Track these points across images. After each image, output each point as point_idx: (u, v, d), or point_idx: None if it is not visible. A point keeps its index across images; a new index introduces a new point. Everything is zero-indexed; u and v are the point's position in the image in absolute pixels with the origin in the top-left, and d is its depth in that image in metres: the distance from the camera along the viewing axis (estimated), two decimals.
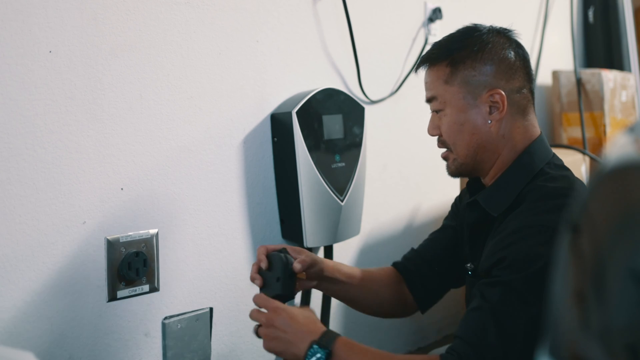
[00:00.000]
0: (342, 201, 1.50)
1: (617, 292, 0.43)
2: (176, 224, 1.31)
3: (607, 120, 2.39)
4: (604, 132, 2.38)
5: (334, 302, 1.64)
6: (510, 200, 1.11)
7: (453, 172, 1.21)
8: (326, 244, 1.54)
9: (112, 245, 1.19)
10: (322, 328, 1.06)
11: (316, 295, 1.58)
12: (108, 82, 1.19)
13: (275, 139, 1.47)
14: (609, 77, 2.41)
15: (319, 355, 1.01)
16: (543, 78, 2.52)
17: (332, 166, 1.49)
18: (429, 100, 1.20)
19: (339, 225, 1.52)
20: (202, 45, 1.34)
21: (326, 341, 1.03)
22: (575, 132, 2.43)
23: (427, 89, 1.20)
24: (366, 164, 1.60)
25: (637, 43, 2.82)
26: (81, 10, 1.14)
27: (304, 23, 1.55)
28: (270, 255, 1.18)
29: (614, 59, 2.75)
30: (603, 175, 0.48)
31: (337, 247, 1.60)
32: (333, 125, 1.50)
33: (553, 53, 2.56)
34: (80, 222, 1.16)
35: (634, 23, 2.79)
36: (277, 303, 1.09)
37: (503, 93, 1.13)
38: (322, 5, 1.59)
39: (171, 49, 1.28)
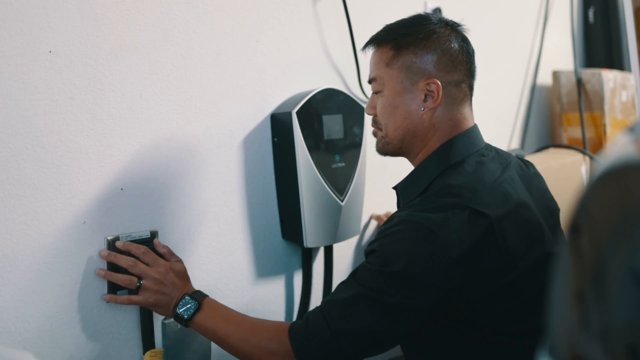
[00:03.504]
0: (342, 201, 1.50)
1: (617, 292, 0.43)
2: (176, 224, 1.31)
3: (607, 120, 2.39)
4: (604, 132, 2.38)
5: None
6: (419, 191, 1.15)
7: (379, 150, 1.25)
8: (326, 244, 1.54)
9: (112, 245, 1.19)
10: (193, 288, 1.19)
11: (316, 298, 1.58)
12: (108, 82, 1.19)
13: (275, 139, 1.47)
14: (609, 77, 2.41)
15: (189, 305, 1.14)
16: (543, 78, 2.52)
17: (332, 166, 1.49)
18: (370, 80, 1.23)
19: (339, 225, 1.52)
20: (202, 45, 1.34)
21: (198, 296, 1.15)
22: (575, 132, 2.43)
23: (370, 69, 1.23)
24: (366, 164, 1.60)
25: (637, 43, 2.82)
26: (81, 10, 1.14)
27: (304, 23, 1.55)
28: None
29: (614, 59, 2.75)
30: (603, 175, 0.48)
31: (337, 247, 1.60)
32: (333, 125, 1.50)
33: (553, 53, 2.56)
34: (80, 222, 1.16)
35: (634, 23, 2.79)
36: (167, 262, 1.19)
37: (439, 83, 1.14)
38: (322, 5, 1.59)
39: (171, 49, 1.28)
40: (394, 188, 1.26)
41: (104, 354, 1.20)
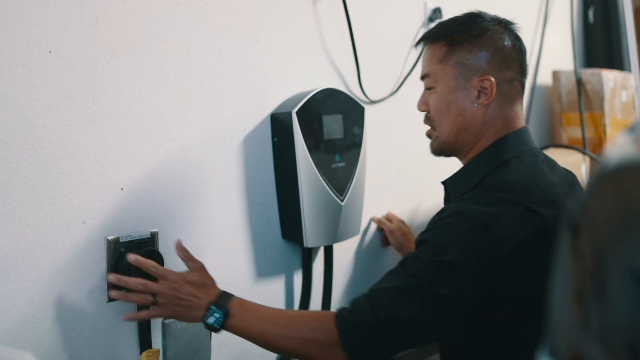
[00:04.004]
0: (342, 201, 1.50)
1: (617, 292, 0.43)
2: (176, 224, 1.31)
3: (607, 120, 2.39)
4: (604, 132, 2.38)
5: (334, 304, 1.64)
6: (470, 186, 1.16)
7: (435, 150, 1.26)
8: (326, 244, 1.54)
9: (112, 245, 1.19)
10: (218, 291, 1.14)
11: (316, 297, 1.58)
12: (108, 82, 1.19)
13: (275, 139, 1.47)
14: (609, 77, 2.41)
15: (217, 315, 1.09)
16: (543, 78, 2.52)
17: (332, 166, 1.49)
18: (422, 77, 1.24)
19: (339, 225, 1.52)
20: (202, 45, 1.34)
21: (222, 302, 1.11)
22: (575, 132, 2.43)
23: (422, 65, 1.24)
24: (366, 164, 1.60)
25: (637, 43, 2.82)
26: (81, 10, 1.14)
27: (304, 23, 1.55)
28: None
29: (614, 59, 2.74)
30: (603, 175, 0.48)
31: (337, 247, 1.60)
32: (333, 125, 1.50)
33: (553, 53, 2.56)
34: (80, 222, 1.16)
35: (634, 23, 2.79)
36: (179, 274, 1.13)
37: (493, 80, 1.16)
38: (322, 5, 1.59)
39: (171, 49, 1.28)
40: (443, 183, 1.27)
41: (103, 354, 1.20)
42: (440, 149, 1.24)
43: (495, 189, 1.10)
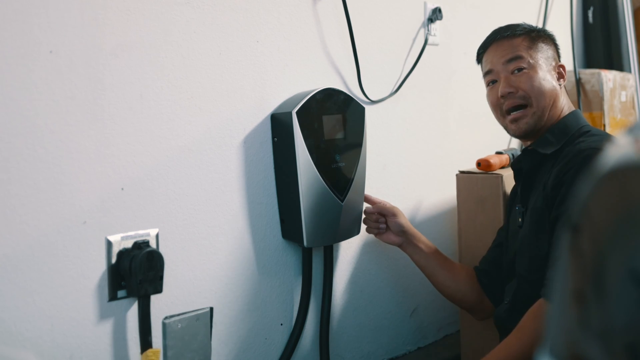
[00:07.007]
0: (342, 201, 1.50)
1: (617, 292, 0.43)
2: (176, 224, 1.31)
3: (607, 120, 2.39)
4: None
5: (334, 304, 1.64)
6: (560, 143, 1.34)
7: (530, 126, 1.41)
8: (326, 244, 1.54)
9: (112, 245, 1.19)
10: None
11: (316, 297, 1.58)
12: (109, 82, 1.19)
13: (275, 139, 1.47)
14: (609, 77, 2.41)
15: None
16: None
17: (332, 166, 1.49)
18: (510, 60, 1.43)
19: (339, 225, 1.52)
20: (202, 46, 1.34)
21: None
22: None
23: (508, 51, 1.44)
24: (366, 164, 1.60)
25: (637, 43, 2.82)
26: (82, 10, 1.15)
27: (304, 23, 1.55)
28: None
29: (614, 59, 2.75)
30: (603, 175, 0.48)
31: (337, 247, 1.60)
32: (333, 125, 1.50)
33: None
34: (81, 222, 1.16)
35: (634, 23, 2.79)
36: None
37: (565, 67, 1.46)
38: (322, 5, 1.59)
39: (172, 49, 1.28)
40: (525, 150, 1.44)
41: (104, 354, 1.20)
42: (535, 124, 1.40)
43: (593, 135, 1.29)
